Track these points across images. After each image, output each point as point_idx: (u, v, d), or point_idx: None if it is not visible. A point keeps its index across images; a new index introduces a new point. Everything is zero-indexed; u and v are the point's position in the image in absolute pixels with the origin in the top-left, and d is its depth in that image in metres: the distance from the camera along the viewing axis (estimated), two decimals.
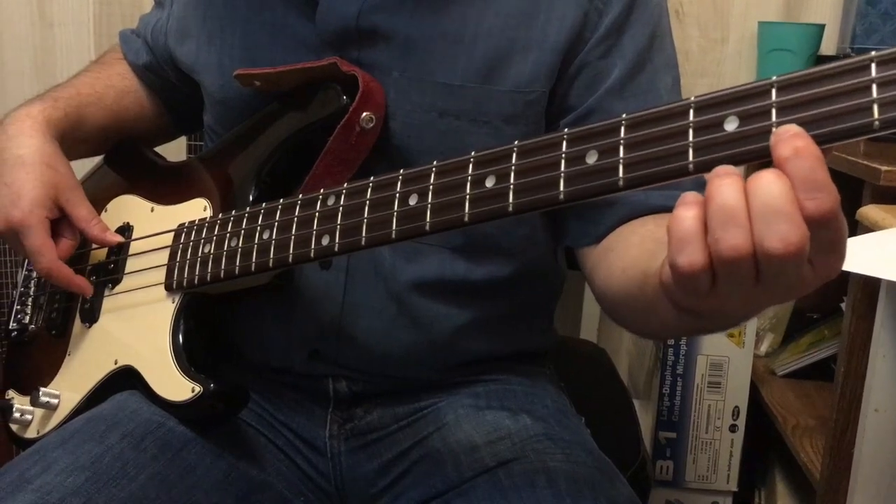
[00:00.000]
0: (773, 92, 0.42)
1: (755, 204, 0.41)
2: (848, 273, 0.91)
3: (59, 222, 0.80)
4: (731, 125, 0.43)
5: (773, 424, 1.22)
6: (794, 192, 0.40)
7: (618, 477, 0.73)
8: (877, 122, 0.39)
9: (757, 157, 0.42)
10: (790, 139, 0.40)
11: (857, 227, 0.88)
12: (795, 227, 0.40)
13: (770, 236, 0.40)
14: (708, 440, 1.32)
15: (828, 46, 1.46)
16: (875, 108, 0.38)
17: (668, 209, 0.43)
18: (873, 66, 0.39)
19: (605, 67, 0.74)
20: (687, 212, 0.43)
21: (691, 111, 0.44)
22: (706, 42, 1.56)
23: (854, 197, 0.94)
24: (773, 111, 0.41)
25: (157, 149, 0.96)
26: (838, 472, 0.95)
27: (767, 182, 0.40)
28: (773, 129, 0.41)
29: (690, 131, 0.44)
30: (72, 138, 0.84)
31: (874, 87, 0.39)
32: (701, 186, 0.44)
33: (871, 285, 0.91)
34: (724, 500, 1.34)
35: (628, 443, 1.03)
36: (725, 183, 0.41)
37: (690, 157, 0.44)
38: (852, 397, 0.94)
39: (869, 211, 0.88)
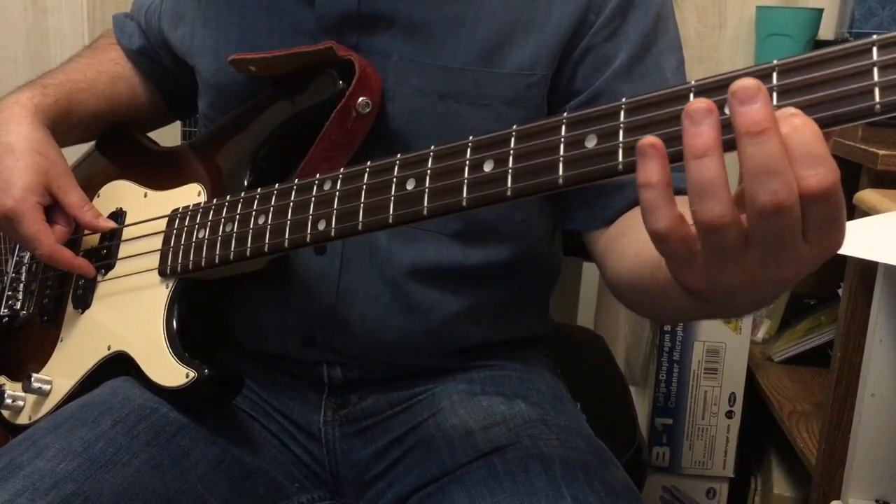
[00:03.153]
0: (775, 75, 0.41)
1: (749, 154, 0.40)
2: (845, 257, 0.91)
3: (52, 209, 0.80)
4: None
5: (770, 410, 1.22)
6: (794, 166, 0.40)
7: (613, 462, 0.73)
8: (878, 106, 0.38)
9: None
10: (788, 118, 0.39)
11: (854, 212, 0.88)
12: (785, 183, 0.40)
13: (761, 193, 0.40)
14: (704, 426, 1.32)
15: (826, 31, 1.46)
16: (876, 91, 0.38)
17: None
18: (875, 49, 0.38)
19: (610, 50, 0.74)
20: (652, 178, 0.43)
21: (691, 95, 0.44)
22: (704, 27, 1.55)
23: (852, 181, 0.94)
24: (775, 95, 0.41)
25: (152, 135, 0.95)
26: (834, 458, 0.96)
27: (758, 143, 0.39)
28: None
29: None
30: (63, 125, 0.84)
31: (875, 70, 0.38)
32: None
33: (868, 270, 0.91)
34: (721, 485, 1.35)
35: (624, 429, 1.03)
36: (700, 159, 0.41)
37: None
38: (849, 382, 0.94)
39: (866, 195, 0.88)
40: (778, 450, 1.34)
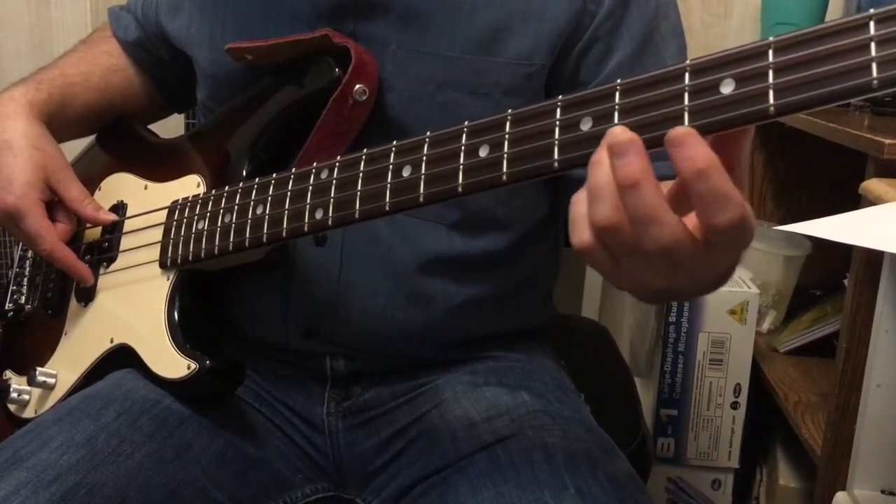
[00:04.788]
0: (771, 53, 0.41)
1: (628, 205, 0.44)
2: (851, 247, 0.91)
3: (53, 205, 0.80)
4: (727, 88, 0.42)
5: (775, 401, 1.22)
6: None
7: (617, 453, 0.72)
8: (875, 82, 0.38)
9: (753, 120, 0.41)
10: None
11: (860, 201, 0.87)
12: (667, 228, 0.43)
13: (643, 236, 0.44)
14: (709, 417, 1.31)
15: (833, 18, 1.44)
16: (874, 66, 0.38)
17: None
18: (872, 23, 0.38)
19: (614, 41, 0.74)
20: (580, 194, 0.47)
21: (686, 75, 0.43)
22: (709, 17, 1.54)
23: (858, 171, 0.93)
24: (770, 73, 0.40)
25: (156, 127, 0.95)
26: (840, 449, 0.95)
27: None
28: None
29: (686, 95, 0.43)
30: (59, 119, 0.84)
31: (873, 45, 0.38)
32: None
33: (874, 259, 0.90)
34: (726, 477, 1.34)
35: (629, 420, 1.03)
36: (595, 162, 0.45)
37: (686, 122, 0.43)
38: (854, 373, 0.93)
39: (872, 185, 0.87)
40: (783, 441, 1.33)
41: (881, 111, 1.12)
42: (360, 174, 0.59)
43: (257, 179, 0.68)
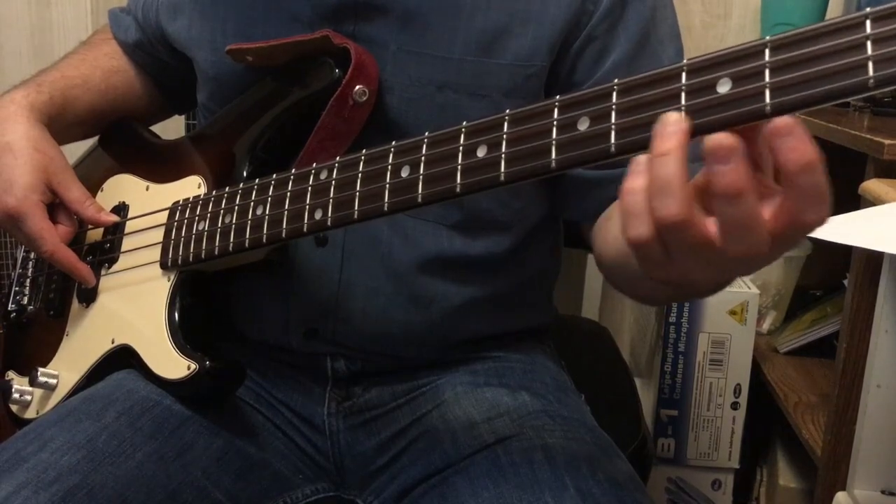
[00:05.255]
0: (767, 52, 0.41)
1: (727, 214, 0.41)
2: (851, 248, 0.91)
3: (54, 207, 0.80)
4: (723, 87, 0.42)
5: (775, 401, 1.22)
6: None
7: (617, 454, 0.72)
8: (871, 81, 0.38)
9: (750, 119, 0.41)
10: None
11: (860, 202, 0.87)
12: (763, 237, 0.41)
13: (733, 245, 0.42)
14: (709, 418, 1.31)
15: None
16: (870, 65, 0.38)
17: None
18: (868, 22, 0.38)
19: (610, 42, 0.74)
20: (635, 183, 0.44)
21: (683, 74, 0.43)
22: (709, 17, 1.54)
23: (857, 171, 0.93)
24: (767, 72, 0.40)
25: (156, 128, 0.96)
26: (840, 449, 0.95)
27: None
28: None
29: (683, 94, 0.43)
30: (60, 122, 0.84)
31: (869, 44, 0.38)
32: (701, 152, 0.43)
33: (873, 260, 0.90)
34: (726, 477, 1.34)
35: (629, 420, 1.03)
36: (662, 160, 0.42)
37: None
38: (854, 373, 0.93)
39: (872, 185, 0.87)
40: (783, 441, 1.33)
41: (881, 111, 1.12)
42: (359, 175, 0.59)
43: (257, 180, 0.69)
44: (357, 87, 0.70)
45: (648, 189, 0.43)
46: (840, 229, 0.73)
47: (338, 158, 0.61)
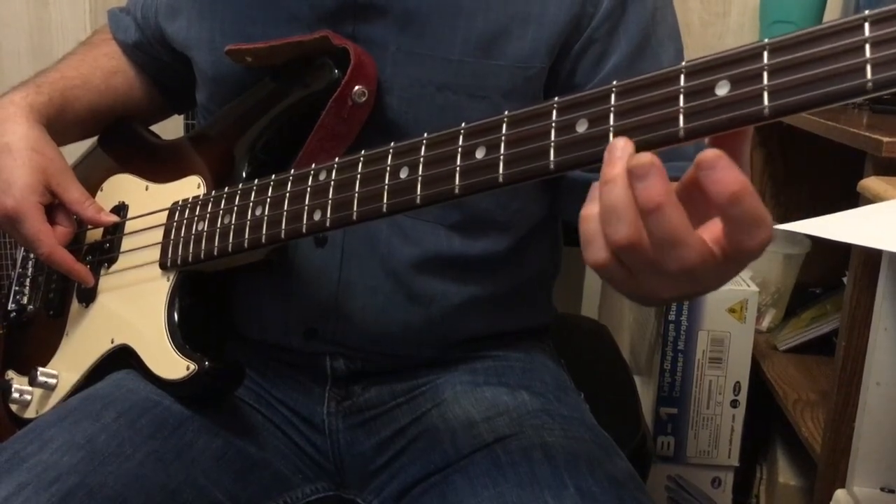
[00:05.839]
0: (765, 54, 0.41)
1: (652, 228, 0.43)
2: (850, 246, 0.91)
3: (54, 208, 0.80)
4: (722, 90, 0.42)
5: (775, 399, 1.22)
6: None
7: (616, 452, 0.72)
8: (870, 84, 0.38)
9: (748, 122, 0.41)
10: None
11: (858, 199, 0.87)
12: (692, 249, 0.43)
13: (666, 259, 0.44)
14: (709, 415, 1.32)
15: (831, 17, 1.45)
16: (868, 68, 0.38)
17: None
18: (867, 25, 0.38)
19: (611, 43, 0.74)
20: (590, 210, 0.46)
21: (682, 76, 0.43)
22: (708, 16, 1.54)
23: (856, 169, 0.93)
24: (765, 74, 0.40)
25: (156, 129, 0.96)
26: (839, 446, 0.95)
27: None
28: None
29: (681, 97, 0.43)
30: (59, 122, 0.84)
31: (867, 47, 0.38)
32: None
33: (872, 258, 0.90)
34: (726, 475, 1.35)
35: (629, 419, 1.03)
36: (607, 180, 0.44)
37: (681, 124, 0.43)
38: (853, 371, 0.93)
39: (871, 183, 0.87)
40: (783, 439, 1.33)
41: (880, 109, 1.12)
42: (358, 176, 0.59)
43: (256, 181, 0.69)
44: (356, 87, 0.70)
45: (601, 214, 0.45)
46: (839, 227, 0.73)
47: (336, 159, 0.61)
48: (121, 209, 0.83)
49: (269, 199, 0.66)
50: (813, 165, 1.51)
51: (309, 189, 0.63)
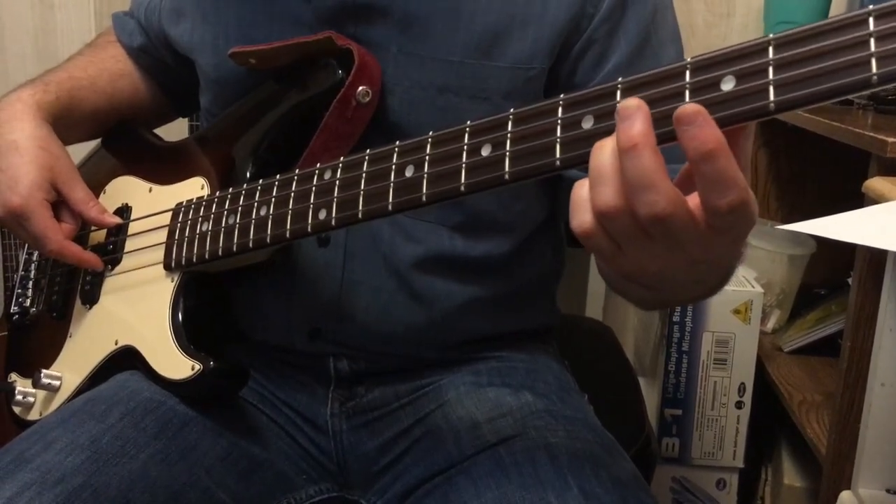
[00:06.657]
0: (770, 50, 0.41)
1: (626, 168, 0.43)
2: (855, 246, 0.90)
3: (58, 206, 0.80)
4: (727, 85, 0.42)
5: (780, 400, 1.21)
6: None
7: (620, 453, 0.72)
8: (875, 77, 0.38)
9: (754, 117, 0.41)
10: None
11: (863, 200, 0.87)
12: (662, 196, 0.43)
13: (637, 202, 0.43)
14: (714, 417, 1.31)
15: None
16: (873, 62, 0.38)
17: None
18: (871, 19, 0.38)
19: (611, 44, 0.74)
20: (582, 180, 0.47)
21: (687, 72, 0.43)
22: (712, 16, 1.54)
23: (861, 169, 0.93)
24: (770, 69, 0.41)
25: (159, 130, 0.96)
26: (844, 448, 0.95)
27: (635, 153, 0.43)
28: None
29: (687, 93, 0.43)
30: (65, 122, 0.84)
31: (872, 40, 0.38)
32: None
33: (877, 258, 0.90)
34: (731, 476, 1.34)
35: (633, 420, 1.03)
36: (598, 146, 0.45)
37: None
38: (858, 372, 0.93)
39: (875, 183, 0.87)
40: (788, 440, 1.33)
41: (884, 109, 1.12)
42: (364, 174, 0.59)
43: (261, 181, 0.69)
44: (360, 87, 0.70)
45: (589, 179, 0.45)
46: (843, 227, 0.73)
47: (341, 158, 0.61)
48: (124, 211, 0.83)
49: (273, 199, 0.66)
50: (818, 166, 1.51)
51: (314, 188, 0.63)
